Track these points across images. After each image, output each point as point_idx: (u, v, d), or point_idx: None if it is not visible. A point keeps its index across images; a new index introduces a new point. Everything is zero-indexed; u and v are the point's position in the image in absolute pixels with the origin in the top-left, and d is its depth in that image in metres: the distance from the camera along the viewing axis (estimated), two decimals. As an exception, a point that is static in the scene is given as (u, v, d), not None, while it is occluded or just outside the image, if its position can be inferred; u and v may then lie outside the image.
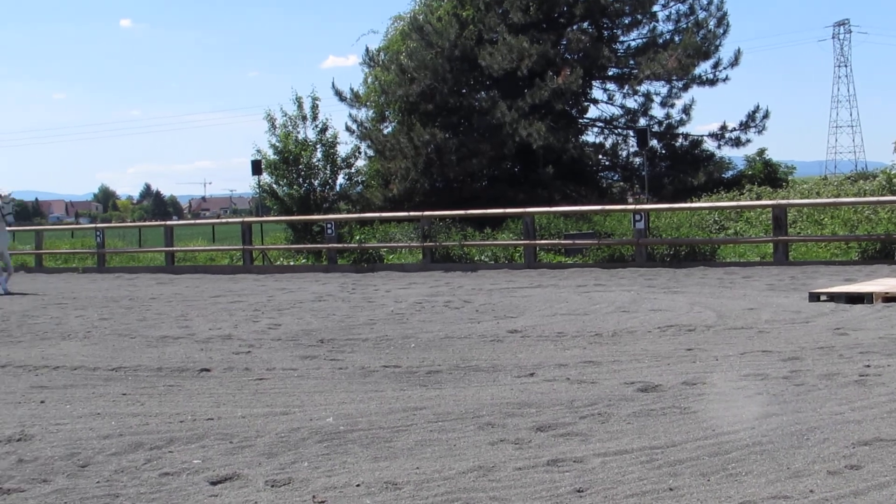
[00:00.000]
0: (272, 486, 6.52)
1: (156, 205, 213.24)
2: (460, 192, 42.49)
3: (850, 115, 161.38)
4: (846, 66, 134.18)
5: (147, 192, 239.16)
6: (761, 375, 9.78)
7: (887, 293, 16.21)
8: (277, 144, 40.56)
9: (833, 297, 16.48)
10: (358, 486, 6.45)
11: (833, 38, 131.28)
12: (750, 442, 7.18)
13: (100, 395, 9.90)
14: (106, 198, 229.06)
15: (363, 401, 9.19)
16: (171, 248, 33.55)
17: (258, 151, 40.50)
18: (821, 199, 33.12)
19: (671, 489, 6.18)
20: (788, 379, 9.57)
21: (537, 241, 28.11)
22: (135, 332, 15.34)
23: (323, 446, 7.47)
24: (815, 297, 16.63)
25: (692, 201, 35.25)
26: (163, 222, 43.15)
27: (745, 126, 45.62)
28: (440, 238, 29.28)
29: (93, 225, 53.48)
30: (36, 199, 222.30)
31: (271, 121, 40.83)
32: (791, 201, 30.12)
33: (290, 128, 40.93)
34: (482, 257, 28.99)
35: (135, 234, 52.58)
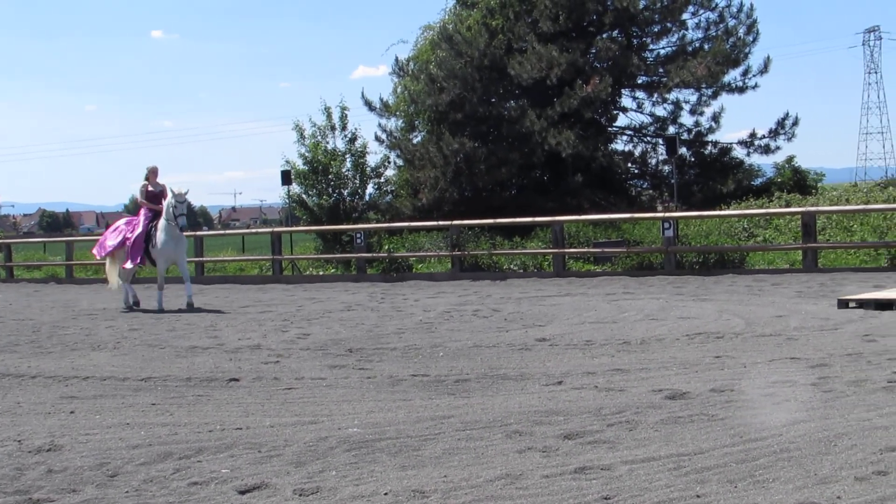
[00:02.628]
0: (300, 494, 6.55)
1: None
2: (489, 200, 42.42)
3: (881, 121, 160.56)
4: (876, 72, 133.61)
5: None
6: (789, 382, 9.77)
7: (917, 300, 16.14)
8: (307, 154, 40.70)
9: (862, 304, 16.42)
10: (385, 494, 6.47)
11: (863, 44, 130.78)
12: (777, 449, 7.18)
13: (129, 406, 9.96)
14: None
15: (391, 409, 9.22)
16: (200, 259, 33.59)
17: (287, 162, 40.64)
18: (850, 205, 32.97)
19: (698, 496, 6.19)
20: (816, 386, 9.55)
21: (566, 250, 28.06)
22: (164, 342, 15.40)
23: (351, 455, 7.50)
24: (843, 304, 16.57)
25: (721, 209, 35.14)
26: (192, 233, 43.22)
27: (774, 133, 45.43)
28: (469, 247, 29.27)
29: (123, 236, 53.57)
30: (67, 210, 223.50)
31: (300, 131, 41.00)
32: (820, 208, 29.97)
33: (319, 138, 41.06)
34: (511, 266, 28.96)
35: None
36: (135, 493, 6.73)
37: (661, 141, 44.61)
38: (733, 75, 44.96)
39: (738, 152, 45.90)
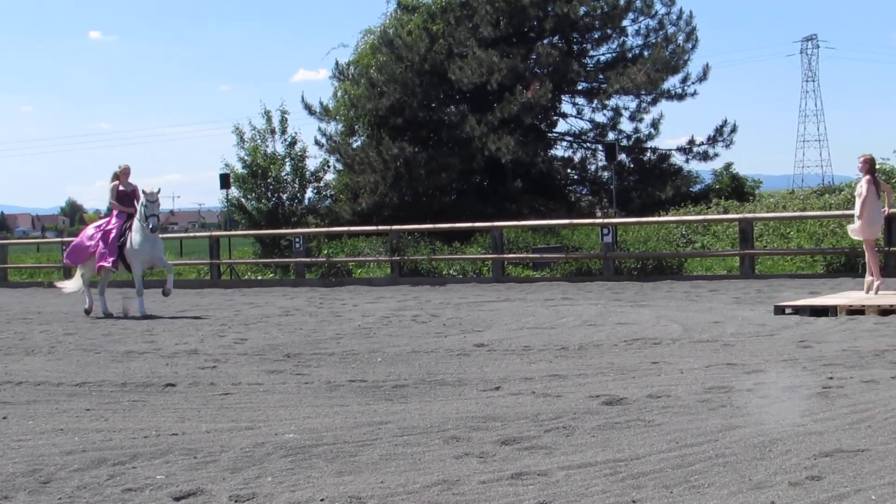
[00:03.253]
0: (236, 501, 6.50)
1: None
2: (429, 205, 42.44)
3: (818, 129, 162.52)
4: (814, 80, 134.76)
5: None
6: (725, 388, 9.82)
7: (851, 306, 16.31)
8: (246, 158, 40.45)
9: (798, 310, 16.58)
10: (322, 500, 6.43)
11: (801, 53, 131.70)
12: (713, 454, 7.21)
13: (63, 411, 9.84)
14: (73, 211, 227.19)
15: (328, 415, 9.17)
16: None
17: (227, 165, 40.36)
18: (787, 212, 33.26)
19: (634, 501, 6.20)
20: (752, 391, 9.61)
21: (505, 255, 28.14)
22: (100, 347, 15.25)
23: (288, 461, 7.45)
24: (780, 310, 16.71)
25: (660, 215, 35.34)
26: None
27: (712, 140, 45.83)
28: (409, 252, 29.24)
29: (59, 239, 53.17)
30: (2, 212, 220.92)
31: (240, 134, 40.72)
32: (757, 215, 30.28)
33: (259, 141, 40.85)
34: (450, 271, 29.00)
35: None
36: (68, 499, 6.64)
37: (600, 147, 44.82)
38: (672, 82, 45.45)
39: (677, 159, 46.35)
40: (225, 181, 36.94)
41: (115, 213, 20.97)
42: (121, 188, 20.92)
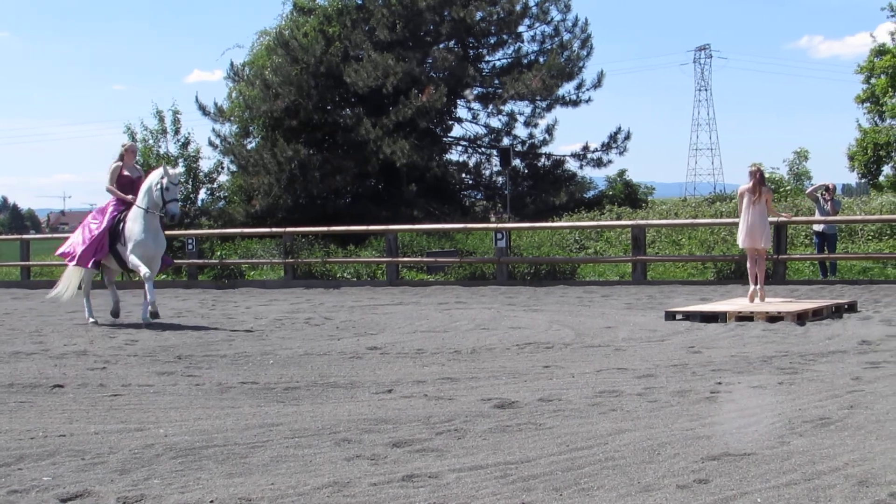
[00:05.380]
0: (124, 502, 6.42)
1: (12, 218, 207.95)
2: (324, 208, 42.29)
3: (710, 138, 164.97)
4: (707, 90, 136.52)
5: (3, 206, 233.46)
6: (616, 392, 9.92)
7: (740, 312, 16.56)
8: (138, 158, 40.02)
9: (688, 316, 16.80)
10: (211, 502, 6.38)
11: (694, 62, 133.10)
12: (603, 457, 7.28)
13: (-53, 412, 9.66)
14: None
15: (219, 417, 9.10)
16: (27, 263, 32.69)
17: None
18: (679, 219, 33.80)
19: (524, 504, 6.24)
20: (642, 396, 9.72)
21: (400, 259, 28.12)
22: (-14, 347, 14.97)
23: (177, 462, 7.38)
24: (670, 316, 16.92)
25: (553, 220, 35.61)
26: (19, 236, 42.17)
27: (606, 147, 46.34)
28: (303, 255, 29.08)
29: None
30: None
31: (132, 134, 40.28)
32: (650, 221, 30.64)
33: (151, 142, 40.44)
34: (344, 274, 28.90)
35: (-11, 247, 51.27)
36: (-50, 502, 6.53)
37: (495, 152, 45.08)
38: (567, 88, 45.90)
39: (571, 165, 46.80)
40: (117, 181, 36.43)
41: (110, 201, 18.36)
42: (125, 172, 18.19)
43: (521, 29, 46.23)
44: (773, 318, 16.12)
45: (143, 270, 17.38)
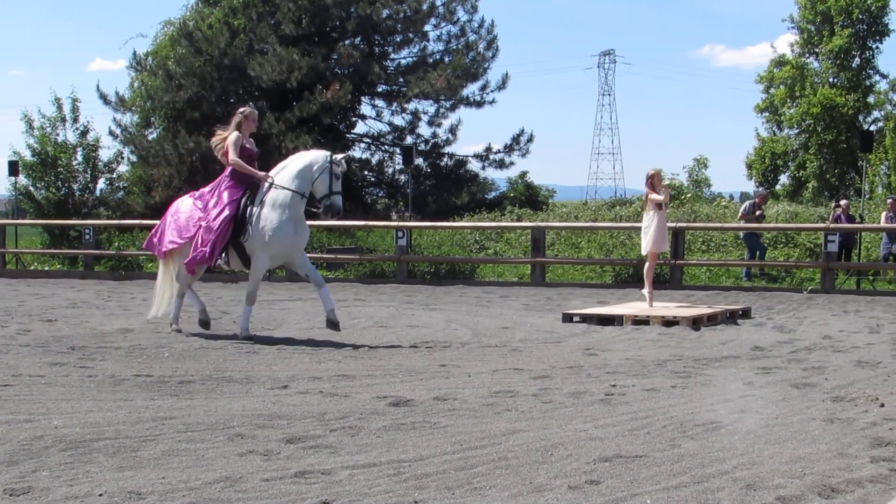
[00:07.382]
0: (10, 495, 6.31)
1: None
2: (226, 202, 41.89)
3: (612, 142, 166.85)
4: (610, 94, 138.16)
5: None
6: (511, 392, 9.95)
7: (637, 316, 16.71)
8: (35, 146, 39.41)
9: (585, 319, 16.92)
10: (101, 495, 6.30)
11: (598, 67, 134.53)
12: (496, 457, 7.30)
13: None
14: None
15: (111, 409, 8.98)
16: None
17: (15, 153, 39.24)
18: (578, 223, 34.05)
19: (416, 502, 6.24)
20: (537, 396, 9.76)
21: (299, 255, 27.95)
22: None
23: (67, 455, 7.27)
24: (568, 318, 17.03)
25: (455, 220, 35.67)
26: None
27: (509, 149, 46.50)
28: (201, 248, 28.79)
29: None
30: None
31: (29, 122, 39.63)
32: (550, 224, 30.83)
33: (49, 129, 39.83)
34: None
35: None
36: None
37: (398, 150, 45.10)
38: (472, 89, 45.95)
39: (474, 165, 46.89)
40: (13, 168, 35.84)
41: (226, 178, 15.06)
42: (246, 143, 14.99)
43: (427, 28, 46.28)
44: (669, 323, 16.29)
45: (253, 288, 15.62)
